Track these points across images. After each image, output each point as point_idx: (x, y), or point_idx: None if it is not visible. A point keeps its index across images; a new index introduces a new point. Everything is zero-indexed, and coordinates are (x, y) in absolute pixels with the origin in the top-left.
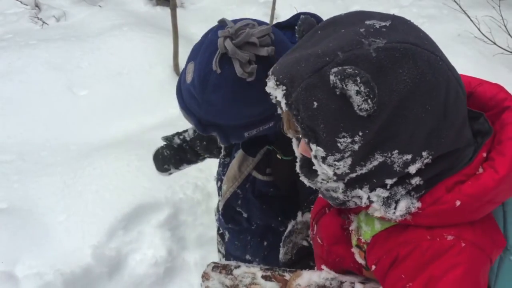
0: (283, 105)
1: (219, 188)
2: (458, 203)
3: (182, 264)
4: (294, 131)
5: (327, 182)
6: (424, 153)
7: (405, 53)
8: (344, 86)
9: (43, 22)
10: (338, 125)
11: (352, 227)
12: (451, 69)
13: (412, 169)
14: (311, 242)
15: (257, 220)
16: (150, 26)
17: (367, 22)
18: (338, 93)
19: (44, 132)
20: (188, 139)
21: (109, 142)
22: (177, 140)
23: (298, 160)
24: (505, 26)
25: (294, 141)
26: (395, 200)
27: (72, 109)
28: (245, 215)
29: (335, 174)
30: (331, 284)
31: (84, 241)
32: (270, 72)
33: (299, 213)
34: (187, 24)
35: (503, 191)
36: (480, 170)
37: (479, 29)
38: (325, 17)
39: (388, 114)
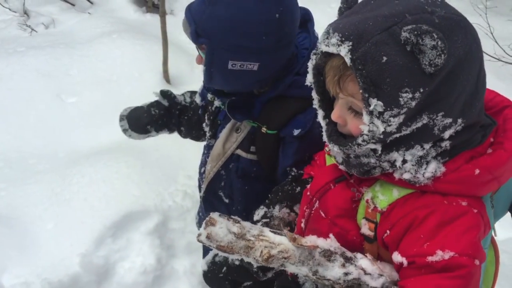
0: (347, 59)
1: (202, 174)
2: (477, 171)
3: (171, 272)
4: (339, 92)
5: (367, 143)
6: (459, 120)
7: (459, 23)
8: (420, 40)
9: (32, 29)
10: (403, 80)
11: (367, 197)
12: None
13: (447, 134)
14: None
15: (238, 205)
16: (140, 33)
17: None
18: (408, 49)
19: (32, 139)
20: (183, 103)
21: (98, 149)
22: (179, 99)
23: (324, 129)
24: (492, 34)
25: (320, 113)
26: (427, 161)
27: (61, 116)
28: (226, 200)
29: (383, 132)
30: (335, 249)
31: (72, 249)
32: (331, 30)
33: (277, 207)
34: (177, 31)
35: (508, 170)
36: (489, 151)
37: None
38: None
39: (443, 76)
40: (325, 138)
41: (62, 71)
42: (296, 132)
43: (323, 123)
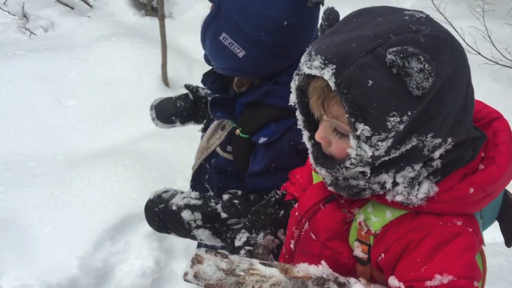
0: (331, 83)
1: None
2: (471, 190)
3: (170, 274)
4: (323, 113)
5: (355, 167)
6: (449, 139)
7: (445, 41)
8: (406, 63)
9: (31, 32)
10: (390, 104)
11: (360, 219)
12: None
13: (437, 154)
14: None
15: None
16: (139, 36)
17: (407, 12)
18: (394, 72)
19: (31, 142)
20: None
21: (97, 152)
22: (201, 92)
23: (310, 151)
24: (489, 37)
25: (305, 134)
26: (419, 182)
27: (60, 119)
28: (211, 193)
29: (371, 156)
30: (327, 276)
31: (70, 252)
32: (313, 52)
33: (261, 234)
34: (176, 34)
35: (501, 186)
36: (481, 166)
37: (464, 40)
38: None
39: (431, 97)
40: (311, 160)
41: (61, 74)
42: (261, 140)
43: (308, 145)
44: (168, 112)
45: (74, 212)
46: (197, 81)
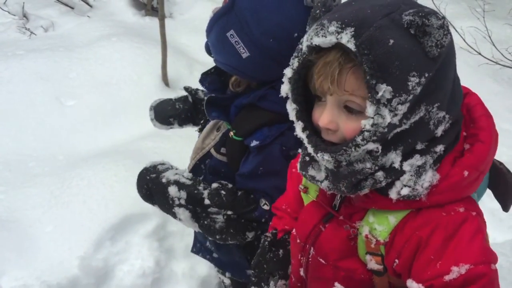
0: (351, 45)
1: None
2: (466, 173)
3: (170, 274)
4: (334, 90)
5: (367, 143)
6: (447, 116)
7: (443, 18)
8: (426, 21)
9: (31, 32)
10: (410, 64)
11: (365, 232)
12: None
13: (440, 130)
14: None
15: None
16: (139, 36)
17: None
18: (412, 32)
19: (31, 142)
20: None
21: (97, 152)
22: (200, 95)
23: (306, 141)
24: (489, 37)
25: (299, 125)
26: (425, 170)
27: (60, 119)
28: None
29: (388, 125)
30: None
31: (71, 252)
32: (325, 21)
33: (271, 283)
34: (176, 34)
35: (490, 160)
36: (467, 146)
37: (464, 40)
38: None
39: (440, 63)
40: (310, 150)
41: (61, 74)
42: (254, 143)
43: (303, 136)
44: (167, 114)
45: (75, 212)
46: (197, 81)
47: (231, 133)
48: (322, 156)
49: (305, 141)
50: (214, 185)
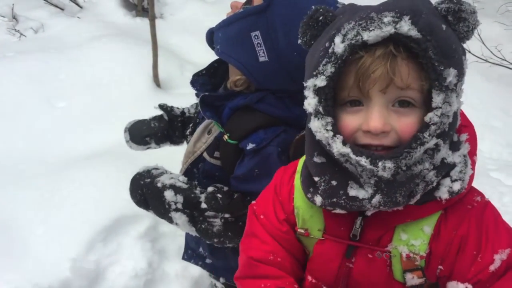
0: (413, 33)
1: None
2: (475, 158)
3: (163, 275)
4: (384, 86)
5: (431, 138)
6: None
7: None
8: (462, 7)
9: (21, 34)
10: (459, 46)
11: (404, 252)
12: None
13: (459, 119)
14: None
15: None
16: (130, 37)
17: None
18: (450, 19)
19: (22, 144)
20: (187, 114)
21: (88, 154)
22: (176, 111)
23: (356, 156)
24: (479, 35)
25: (339, 140)
26: (468, 159)
27: (51, 121)
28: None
29: (454, 114)
30: None
31: (62, 255)
32: (373, 14)
33: None
34: (167, 34)
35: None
36: (463, 136)
37: None
38: None
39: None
40: (364, 163)
41: (51, 75)
42: (250, 146)
43: (346, 150)
44: (142, 133)
45: (66, 214)
46: (188, 82)
47: (225, 137)
48: (383, 165)
49: (351, 154)
50: (210, 188)
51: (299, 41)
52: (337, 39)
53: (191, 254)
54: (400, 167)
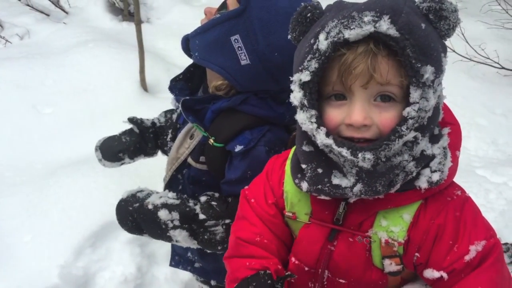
0: (392, 32)
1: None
2: (458, 153)
3: (152, 280)
4: (364, 82)
5: (409, 131)
6: (445, 96)
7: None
8: (442, 6)
9: (6, 40)
10: (438, 44)
11: (383, 237)
12: None
13: (441, 113)
14: None
15: None
16: (116, 42)
17: None
18: (431, 17)
19: (8, 151)
20: (158, 124)
21: (75, 159)
22: (147, 123)
23: (338, 147)
24: (463, 34)
25: (322, 132)
26: (448, 151)
27: (37, 127)
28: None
29: (431, 108)
30: None
31: (50, 261)
32: (354, 13)
33: None
34: (153, 39)
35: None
36: (445, 130)
37: None
38: None
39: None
40: (345, 153)
41: (37, 81)
42: (238, 148)
43: (329, 141)
44: (114, 150)
45: (54, 221)
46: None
47: (211, 141)
48: (363, 156)
49: (333, 145)
50: (203, 198)
51: (289, 37)
52: (321, 36)
53: (178, 260)
54: (379, 158)
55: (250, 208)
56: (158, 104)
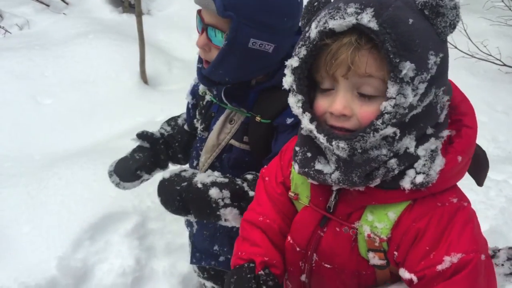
0: (372, 24)
1: (195, 167)
2: (460, 158)
3: (151, 273)
4: (346, 74)
5: (386, 126)
6: (448, 101)
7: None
8: (440, 2)
9: (6, 30)
10: (428, 43)
11: (366, 232)
12: None
13: (443, 115)
14: None
15: None
16: (116, 33)
17: None
18: (426, 13)
19: (7, 142)
20: (166, 134)
21: (75, 151)
22: (156, 134)
23: (316, 131)
24: (465, 31)
25: (307, 117)
26: (437, 154)
27: (37, 118)
28: None
29: (409, 106)
30: None
31: (49, 253)
32: (341, 4)
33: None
34: (154, 31)
35: (475, 144)
36: (453, 132)
37: None
38: None
39: (447, 46)
40: (322, 140)
41: (37, 72)
42: (289, 120)
43: (311, 126)
44: (131, 168)
45: (52, 212)
46: (175, 78)
47: (258, 118)
48: (337, 144)
49: (315, 131)
50: (249, 176)
51: (300, 24)
52: (313, 25)
53: (199, 256)
54: (355, 149)
55: (263, 186)
56: (158, 97)
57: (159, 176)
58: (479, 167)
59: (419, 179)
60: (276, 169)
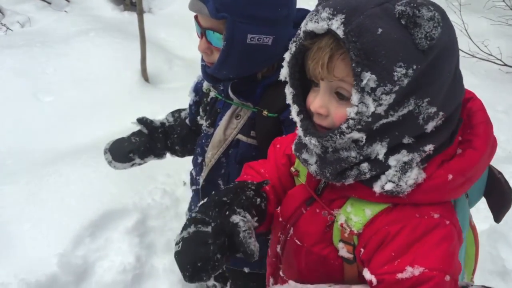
0: (340, 32)
1: (200, 164)
2: (450, 176)
3: (151, 270)
4: (326, 75)
5: (352, 131)
6: (440, 113)
7: (444, 11)
8: (417, 12)
9: (7, 28)
10: (398, 54)
11: (341, 220)
12: None
13: (430, 126)
14: None
15: None
16: (118, 31)
17: None
18: (403, 22)
19: (8, 139)
20: (167, 124)
21: (76, 148)
22: (156, 123)
23: (299, 125)
24: (466, 30)
25: (295, 109)
26: (411, 167)
27: (38, 115)
28: None
29: (372, 114)
30: None
31: (49, 250)
32: (320, 7)
33: (247, 215)
34: (155, 29)
35: (480, 169)
36: (459, 150)
37: None
38: None
39: (432, 57)
40: (300, 133)
41: (38, 70)
42: None
43: (297, 119)
44: (125, 150)
45: (53, 209)
46: (176, 76)
47: (265, 112)
48: (309, 140)
49: (298, 124)
50: None
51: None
52: (302, 23)
53: None
54: (327, 148)
55: (273, 152)
56: (159, 95)
57: (157, 174)
58: (502, 205)
59: (388, 186)
60: (288, 142)
